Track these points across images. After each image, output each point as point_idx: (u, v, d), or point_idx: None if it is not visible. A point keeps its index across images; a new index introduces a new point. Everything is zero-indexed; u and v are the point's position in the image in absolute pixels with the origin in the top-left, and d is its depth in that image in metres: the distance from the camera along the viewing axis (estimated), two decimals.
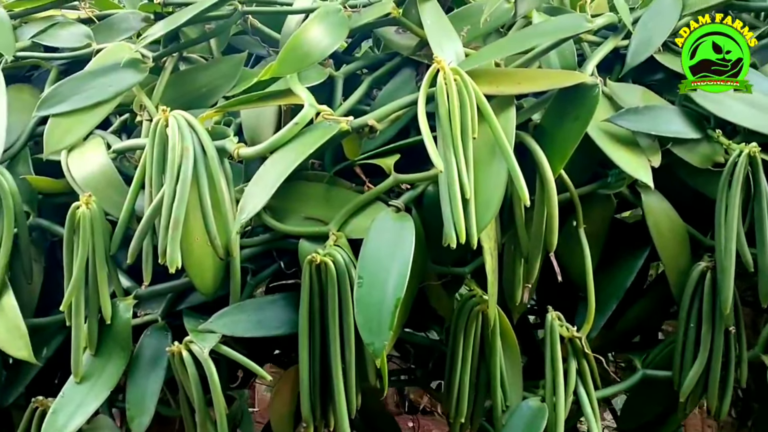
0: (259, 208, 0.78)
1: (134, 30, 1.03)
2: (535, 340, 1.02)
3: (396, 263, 0.80)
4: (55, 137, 0.89)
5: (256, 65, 1.00)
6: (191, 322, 0.85)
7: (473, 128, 0.82)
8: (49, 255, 0.96)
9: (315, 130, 0.81)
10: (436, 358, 1.01)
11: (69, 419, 0.82)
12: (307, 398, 0.84)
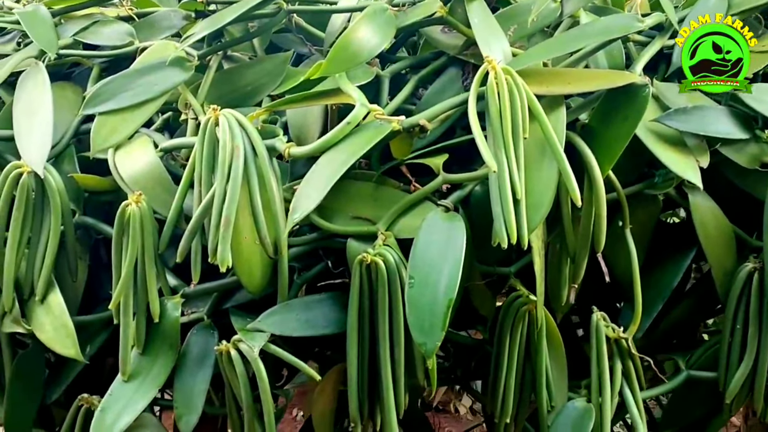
0: (312, 208, 0.77)
1: (176, 28, 1.03)
2: (578, 340, 1.01)
3: (447, 264, 0.79)
4: (101, 135, 0.89)
5: (298, 64, 0.99)
6: (239, 320, 0.85)
7: (524, 128, 0.82)
8: (92, 253, 0.96)
9: (366, 130, 0.80)
10: (478, 357, 1.00)
11: (117, 418, 0.82)
12: (356, 397, 0.84)
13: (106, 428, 0.82)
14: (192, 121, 0.92)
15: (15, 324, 0.88)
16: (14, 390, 0.92)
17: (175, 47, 0.93)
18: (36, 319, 0.87)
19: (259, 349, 0.80)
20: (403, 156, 0.86)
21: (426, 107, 0.90)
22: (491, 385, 0.93)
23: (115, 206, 0.92)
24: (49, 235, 0.87)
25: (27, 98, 0.92)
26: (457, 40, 0.93)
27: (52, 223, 0.87)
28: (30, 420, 0.94)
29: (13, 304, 0.87)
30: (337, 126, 0.80)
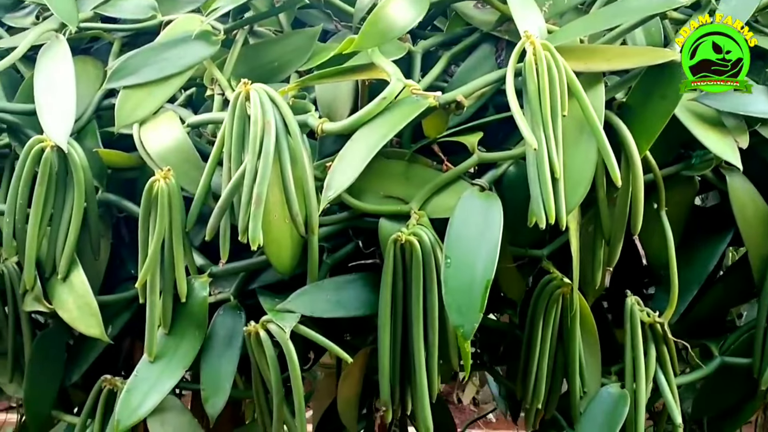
0: (347, 185, 0.75)
1: (198, 2, 1.00)
2: (608, 325, 0.99)
3: (485, 244, 0.77)
4: (126, 110, 0.86)
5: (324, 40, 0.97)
6: (267, 301, 0.83)
7: (563, 105, 0.79)
8: (113, 231, 0.94)
9: (402, 106, 0.78)
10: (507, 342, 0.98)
11: (144, 399, 0.80)
12: (388, 381, 0.82)
13: (132, 409, 0.80)
14: (218, 96, 0.89)
15: (37, 303, 0.86)
16: (34, 371, 0.90)
17: (200, 21, 0.91)
18: (58, 297, 0.85)
19: (290, 330, 0.78)
20: (437, 134, 0.84)
21: (459, 84, 0.88)
22: (522, 371, 0.91)
23: (139, 183, 0.91)
24: (72, 211, 0.85)
25: (48, 72, 0.89)
26: (490, 15, 0.90)
27: (75, 199, 0.85)
28: (50, 401, 0.92)
29: (35, 282, 0.85)
30: (372, 101, 0.78)
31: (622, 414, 0.87)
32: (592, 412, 0.88)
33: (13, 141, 0.92)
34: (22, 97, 0.93)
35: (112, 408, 0.88)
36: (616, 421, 0.86)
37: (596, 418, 0.88)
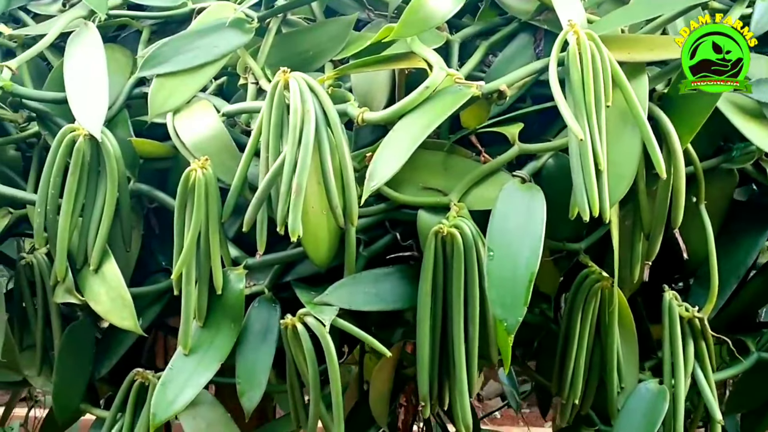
0: (390, 176, 0.74)
1: None
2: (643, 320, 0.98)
3: (528, 236, 0.76)
4: (159, 99, 0.85)
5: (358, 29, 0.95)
6: (304, 294, 0.82)
7: (607, 96, 0.78)
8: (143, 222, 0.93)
9: (445, 96, 0.77)
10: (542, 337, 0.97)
11: (179, 393, 0.79)
12: (427, 375, 0.80)
13: (168, 403, 0.78)
14: (252, 85, 0.88)
15: (68, 294, 0.84)
16: (63, 364, 0.89)
17: (233, 9, 0.89)
18: (90, 289, 0.84)
19: (329, 324, 0.77)
20: (477, 124, 0.82)
21: (497, 74, 0.87)
22: (558, 366, 0.90)
23: (171, 173, 0.90)
24: (105, 202, 0.83)
25: (79, 60, 0.88)
26: (529, 4, 0.89)
27: (108, 189, 0.83)
28: (79, 395, 0.90)
29: (66, 273, 0.84)
30: (415, 90, 0.76)
31: (661, 410, 0.85)
32: (630, 408, 0.87)
33: (42, 130, 0.90)
34: (51, 85, 0.91)
35: (143, 402, 0.87)
36: (656, 418, 0.85)
37: (635, 414, 0.87)
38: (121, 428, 0.87)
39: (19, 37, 0.96)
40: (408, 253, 0.83)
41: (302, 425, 0.85)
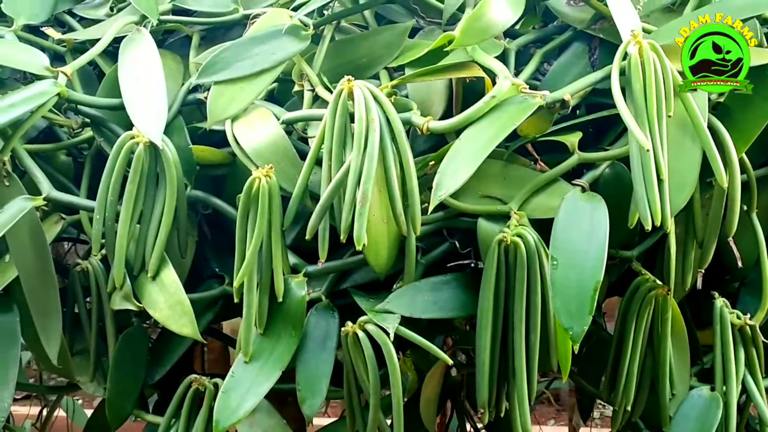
0: (459, 185, 0.74)
1: None
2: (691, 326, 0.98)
3: (593, 245, 0.77)
4: (219, 106, 0.85)
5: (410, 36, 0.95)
6: (364, 301, 0.82)
7: (668, 105, 0.79)
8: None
9: (510, 105, 0.77)
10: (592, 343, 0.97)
11: (242, 400, 0.79)
12: (487, 382, 0.81)
13: (231, 410, 0.78)
14: (308, 92, 0.88)
15: (126, 301, 0.84)
16: (118, 369, 0.89)
17: (289, 15, 0.89)
18: (148, 296, 0.83)
19: (393, 332, 0.77)
20: (537, 133, 0.82)
21: (553, 82, 0.88)
22: (611, 372, 0.90)
23: (228, 180, 0.90)
24: (164, 209, 0.83)
25: (133, 66, 0.87)
26: (584, 13, 0.89)
27: (167, 197, 0.83)
28: (133, 400, 0.90)
29: (124, 280, 0.84)
30: (481, 100, 0.76)
31: (715, 417, 0.86)
32: (683, 414, 0.88)
33: (97, 136, 0.90)
34: (104, 91, 0.91)
35: (197, 408, 0.87)
36: (710, 424, 0.86)
37: (688, 421, 0.88)
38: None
39: (68, 42, 0.96)
40: (468, 261, 0.84)
41: (359, 430, 0.85)
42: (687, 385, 0.90)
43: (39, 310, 0.86)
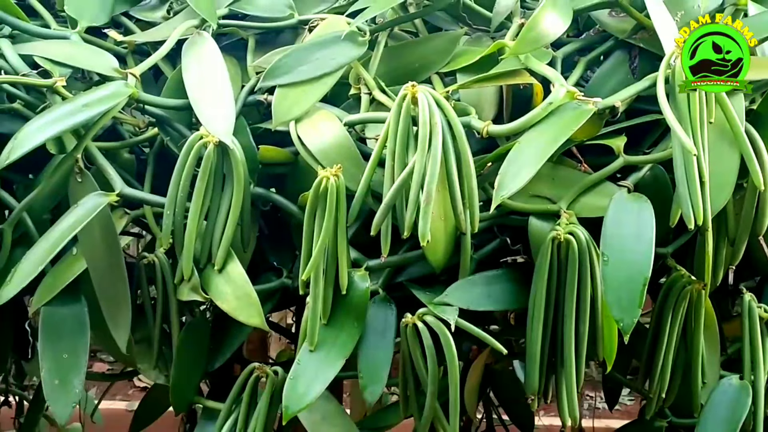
0: (521, 186, 0.79)
1: (327, 2, 1.03)
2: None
3: (641, 242, 0.82)
4: (284, 108, 0.89)
5: None
6: (422, 294, 0.87)
7: (710, 112, 0.84)
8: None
9: (566, 111, 0.82)
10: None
11: (309, 386, 0.84)
12: (537, 371, 0.86)
13: (299, 396, 0.83)
14: (365, 95, 0.92)
15: (193, 292, 0.88)
16: (181, 358, 0.93)
17: (347, 22, 0.94)
18: (215, 288, 0.87)
19: (454, 323, 0.82)
20: (586, 137, 0.88)
21: (595, 89, 0.93)
22: (647, 362, 0.96)
23: (288, 178, 0.94)
24: (231, 205, 0.87)
25: (198, 68, 0.91)
26: (625, 24, 0.95)
27: (234, 194, 0.87)
28: (194, 387, 0.95)
29: (193, 273, 0.88)
30: (539, 106, 0.82)
31: (745, 404, 0.92)
32: (715, 402, 0.94)
33: (163, 134, 0.94)
34: (168, 92, 0.95)
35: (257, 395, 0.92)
36: (741, 411, 0.92)
37: (719, 408, 0.93)
38: (236, 420, 0.92)
39: (130, 44, 0.99)
40: (519, 257, 0.89)
41: (415, 417, 0.90)
42: (717, 375, 0.96)
43: (108, 301, 0.90)
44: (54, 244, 0.84)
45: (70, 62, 0.91)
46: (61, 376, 0.88)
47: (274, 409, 0.92)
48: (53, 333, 0.90)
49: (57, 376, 0.88)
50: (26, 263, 0.86)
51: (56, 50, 0.92)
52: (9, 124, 0.94)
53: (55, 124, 0.85)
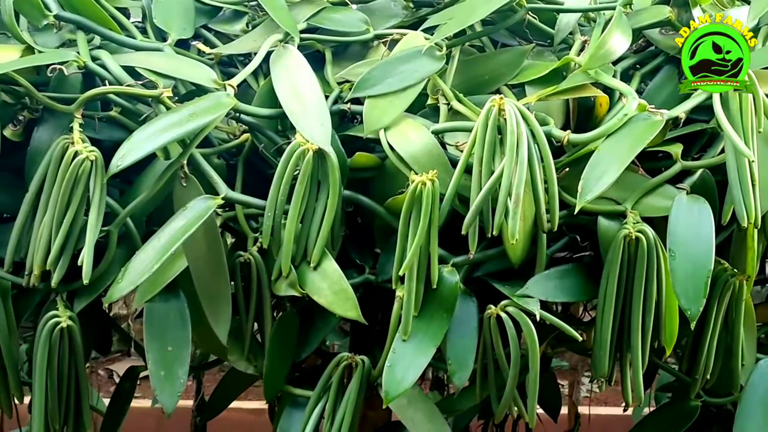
0: (603, 190, 0.88)
1: (397, 18, 1.11)
2: None
3: (702, 239, 0.92)
4: (374, 117, 0.97)
5: None
6: (505, 288, 0.96)
7: (759, 122, 0.95)
8: None
9: (639, 122, 0.91)
10: None
11: (405, 372, 0.91)
12: (607, 356, 0.95)
13: (398, 382, 0.91)
14: (444, 105, 1.00)
15: (290, 288, 0.95)
16: (273, 349, 1.00)
17: (424, 38, 1.02)
18: (311, 284, 0.94)
19: (538, 314, 0.91)
20: (652, 145, 0.97)
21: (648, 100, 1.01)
22: (692, 347, 1.06)
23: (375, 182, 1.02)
24: (326, 207, 0.95)
25: (289, 79, 0.98)
26: (674, 41, 1.04)
27: (330, 197, 0.94)
28: (284, 376, 1.02)
29: (290, 270, 0.95)
30: (615, 117, 0.92)
31: None
32: (754, 382, 1.04)
33: (257, 141, 1.01)
34: (258, 101, 1.01)
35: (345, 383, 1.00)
36: None
37: (758, 388, 1.04)
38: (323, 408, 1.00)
39: (216, 55, 1.06)
40: (587, 253, 0.98)
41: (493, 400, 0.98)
42: (754, 357, 1.07)
43: (209, 297, 0.96)
44: (167, 244, 0.91)
45: (173, 74, 0.97)
46: (166, 368, 0.94)
47: (361, 397, 0.99)
48: (157, 327, 0.96)
49: (163, 367, 0.95)
50: (137, 262, 0.92)
51: (157, 62, 0.98)
52: (108, 131, 1.00)
53: (164, 133, 0.91)
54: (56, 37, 1.03)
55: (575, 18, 1.06)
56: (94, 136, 0.97)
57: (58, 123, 0.97)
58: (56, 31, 1.03)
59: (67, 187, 0.91)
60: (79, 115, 0.94)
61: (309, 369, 1.15)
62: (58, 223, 0.92)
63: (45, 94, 0.96)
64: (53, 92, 0.97)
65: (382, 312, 1.02)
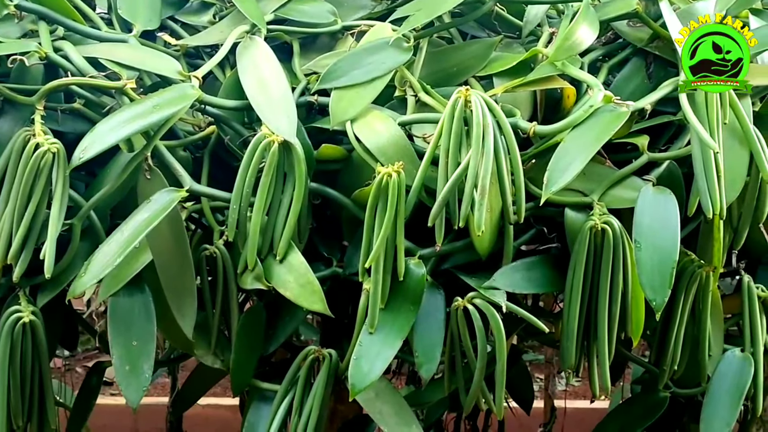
0: (569, 181, 0.88)
1: (365, 9, 1.10)
2: None
3: (668, 230, 0.93)
4: (340, 109, 0.96)
5: None
6: (471, 279, 0.95)
7: (724, 114, 0.95)
8: None
9: (604, 113, 0.91)
10: None
11: (372, 365, 0.91)
12: (574, 347, 0.96)
13: (364, 374, 0.90)
14: (411, 97, 1.00)
15: (256, 281, 0.94)
16: (240, 343, 0.99)
17: (392, 29, 1.01)
18: (277, 277, 0.94)
19: (504, 305, 0.91)
20: (618, 137, 0.97)
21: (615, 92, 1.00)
22: (659, 339, 1.07)
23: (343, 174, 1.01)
24: (292, 200, 0.94)
25: (256, 71, 0.98)
26: (642, 33, 1.05)
27: (296, 188, 0.93)
28: (252, 370, 1.01)
29: (256, 263, 0.94)
30: (581, 109, 0.91)
31: (749, 374, 1.04)
32: (721, 372, 1.05)
33: (222, 134, 1.00)
34: (224, 93, 1.00)
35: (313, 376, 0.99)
36: (745, 379, 1.04)
37: (725, 378, 1.05)
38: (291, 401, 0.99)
39: (182, 47, 1.04)
40: (554, 245, 0.98)
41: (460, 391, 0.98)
42: (721, 348, 1.08)
43: (174, 291, 0.95)
44: (131, 237, 0.89)
45: (137, 65, 0.96)
46: (131, 363, 0.94)
47: (329, 390, 0.99)
48: (122, 322, 0.95)
49: (128, 362, 0.94)
50: (100, 255, 0.91)
51: (121, 53, 0.96)
52: (71, 123, 0.99)
53: (128, 124, 0.90)
54: (17, 28, 1.02)
55: (543, 10, 1.06)
56: (57, 128, 0.96)
57: (19, 115, 0.96)
58: (17, 21, 1.01)
59: (29, 179, 0.90)
60: (41, 107, 0.93)
61: (279, 363, 1.15)
62: (19, 216, 0.91)
63: (5, 85, 0.94)
64: (14, 83, 0.95)
65: (353, 305, 1.01)
